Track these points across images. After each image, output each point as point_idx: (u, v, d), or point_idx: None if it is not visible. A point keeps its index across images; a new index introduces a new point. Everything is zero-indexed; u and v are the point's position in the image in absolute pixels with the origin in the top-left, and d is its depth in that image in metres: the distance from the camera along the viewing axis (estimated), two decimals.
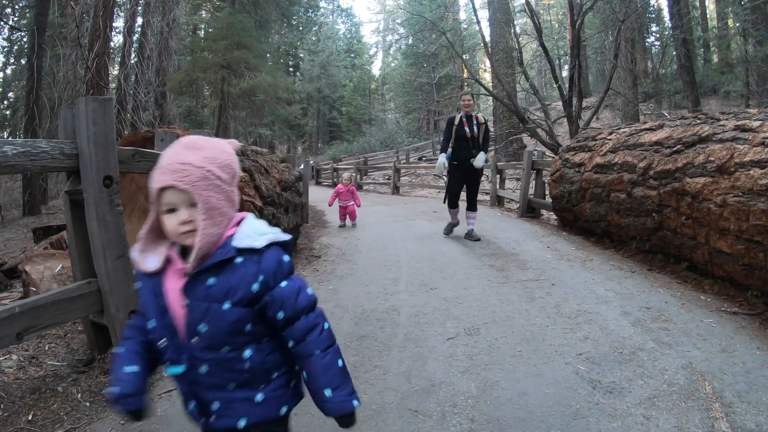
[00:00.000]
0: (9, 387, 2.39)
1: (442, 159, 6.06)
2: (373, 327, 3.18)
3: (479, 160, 5.82)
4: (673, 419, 1.99)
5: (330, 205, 8.30)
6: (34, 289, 3.93)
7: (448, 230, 6.50)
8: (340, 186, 8.07)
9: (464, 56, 25.92)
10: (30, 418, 2.12)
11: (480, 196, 6.72)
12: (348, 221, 7.98)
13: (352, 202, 7.95)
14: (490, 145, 6.08)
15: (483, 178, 6.64)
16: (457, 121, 5.94)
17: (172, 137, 3.56)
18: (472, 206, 6.18)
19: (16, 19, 20.49)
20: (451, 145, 5.99)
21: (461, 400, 2.21)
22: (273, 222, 4.42)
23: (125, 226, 2.59)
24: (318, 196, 12.01)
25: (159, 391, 2.36)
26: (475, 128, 5.85)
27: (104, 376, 2.51)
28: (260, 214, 4.04)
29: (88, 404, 2.24)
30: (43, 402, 2.25)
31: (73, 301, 2.34)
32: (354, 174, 6.79)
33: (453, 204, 6.29)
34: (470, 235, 6.03)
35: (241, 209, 4.05)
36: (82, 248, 2.55)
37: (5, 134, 23.19)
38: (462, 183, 6.15)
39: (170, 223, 1.09)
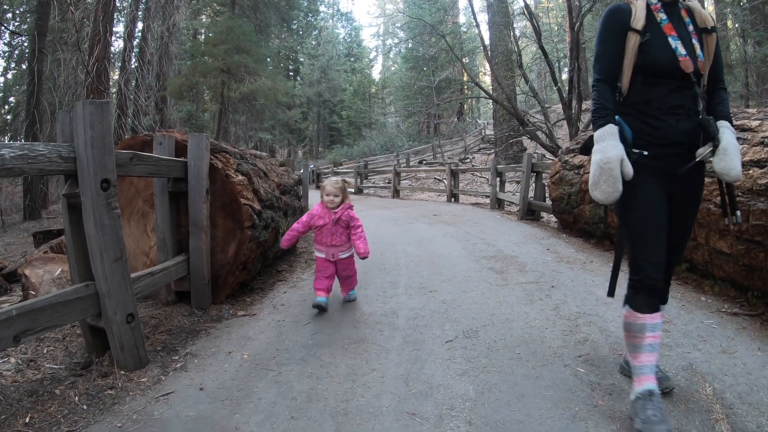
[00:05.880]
0: (7, 389, 2.38)
1: (614, 151, 1.87)
2: (371, 330, 3.17)
3: (725, 151, 1.88)
4: (673, 421, 1.97)
5: (284, 246, 3.79)
6: (33, 293, 3.94)
7: (659, 420, 1.82)
8: (316, 208, 3.74)
9: (464, 59, 25.98)
10: (27, 420, 2.11)
11: (479, 200, 3.61)
12: (340, 292, 3.82)
13: (347, 251, 3.68)
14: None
15: (484, 180, 2.73)
16: (639, 22, 1.97)
17: (170, 141, 3.58)
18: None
19: (16, 23, 20.65)
20: (623, 96, 2.05)
21: (459, 402, 2.20)
22: (272, 225, 4.42)
23: (123, 230, 2.58)
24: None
25: (156, 394, 2.35)
26: (694, 42, 1.98)
27: (102, 378, 2.50)
28: (258, 218, 4.04)
29: (85, 407, 2.23)
30: (40, 405, 2.24)
31: (70, 304, 2.33)
32: (342, 180, 3.90)
33: (647, 290, 1.96)
34: None
35: (240, 212, 4.04)
36: (80, 251, 2.54)
37: (6, 138, 23.31)
38: (664, 211, 2.00)
39: None
